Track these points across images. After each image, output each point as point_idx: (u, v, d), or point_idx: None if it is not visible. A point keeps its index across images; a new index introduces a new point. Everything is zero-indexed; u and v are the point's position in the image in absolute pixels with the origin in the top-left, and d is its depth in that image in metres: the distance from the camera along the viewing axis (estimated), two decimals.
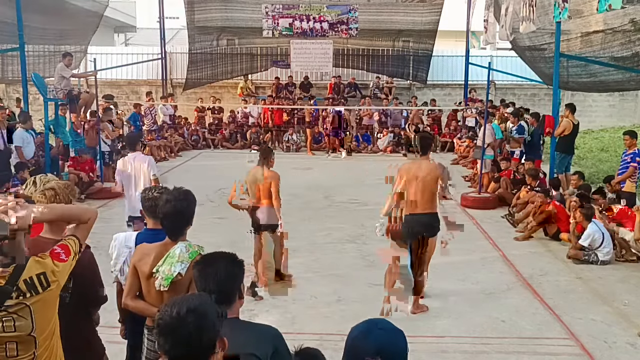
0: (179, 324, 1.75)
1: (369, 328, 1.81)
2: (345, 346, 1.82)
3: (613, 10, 8.86)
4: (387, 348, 1.76)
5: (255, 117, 18.45)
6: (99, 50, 19.44)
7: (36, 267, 2.52)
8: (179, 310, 1.77)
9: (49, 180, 3.05)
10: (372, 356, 1.73)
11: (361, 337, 1.80)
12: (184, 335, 1.75)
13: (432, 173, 5.69)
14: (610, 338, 5.36)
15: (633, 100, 21.07)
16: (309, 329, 5.38)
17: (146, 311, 3.18)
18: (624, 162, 9.25)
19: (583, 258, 7.46)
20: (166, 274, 3.01)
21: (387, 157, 16.52)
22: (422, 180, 5.67)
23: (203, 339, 1.78)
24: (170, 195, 3.17)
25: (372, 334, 1.79)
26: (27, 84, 11.64)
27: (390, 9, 19.38)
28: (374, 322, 1.84)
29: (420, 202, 5.67)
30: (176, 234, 3.16)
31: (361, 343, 1.78)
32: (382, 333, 1.80)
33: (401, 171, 5.87)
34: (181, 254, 3.04)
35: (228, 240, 7.74)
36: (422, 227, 5.67)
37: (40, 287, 2.48)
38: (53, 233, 3.01)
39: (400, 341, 1.81)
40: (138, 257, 3.21)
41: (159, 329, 1.78)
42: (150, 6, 30.23)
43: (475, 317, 5.75)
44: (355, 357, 1.77)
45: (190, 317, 1.76)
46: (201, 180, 12.25)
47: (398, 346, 1.80)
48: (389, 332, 1.81)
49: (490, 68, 11.90)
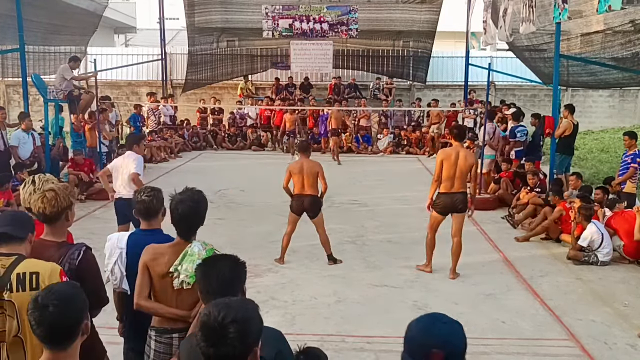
0: (223, 331, 1.81)
1: (432, 321, 1.86)
2: (407, 340, 1.85)
3: (613, 11, 8.86)
4: (452, 340, 1.82)
5: (253, 118, 18.46)
6: (99, 51, 19.48)
7: (34, 266, 2.52)
8: (224, 317, 1.82)
9: (48, 180, 3.03)
10: (439, 348, 1.77)
11: (425, 330, 1.84)
12: (226, 342, 1.81)
13: (468, 159, 6.72)
14: (611, 339, 5.35)
15: (633, 101, 21.07)
16: (309, 329, 5.38)
17: (162, 311, 3.18)
18: (624, 163, 9.24)
19: (583, 259, 7.46)
20: (190, 272, 3.03)
21: (387, 158, 16.55)
22: (459, 165, 6.68)
23: (244, 344, 1.84)
24: (185, 196, 3.22)
25: (435, 326, 1.84)
26: (27, 84, 11.65)
27: (390, 10, 19.39)
28: (436, 316, 1.89)
29: (457, 182, 6.73)
30: (190, 234, 3.21)
31: (426, 336, 1.82)
32: (445, 326, 1.85)
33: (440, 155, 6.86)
34: (199, 252, 3.09)
35: (228, 240, 7.76)
36: (460, 203, 6.75)
37: (29, 286, 2.48)
38: (55, 235, 3.01)
39: (462, 334, 1.86)
40: (150, 257, 3.20)
41: (201, 332, 1.84)
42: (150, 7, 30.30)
43: (475, 318, 5.75)
44: (419, 349, 1.80)
45: (234, 327, 1.81)
46: (201, 181, 12.24)
47: (461, 339, 1.85)
48: (452, 325, 1.86)
49: (490, 69, 11.91)
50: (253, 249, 7.73)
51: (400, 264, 7.31)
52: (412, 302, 6.13)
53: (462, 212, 6.78)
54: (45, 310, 2.06)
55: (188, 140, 17.55)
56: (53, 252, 2.92)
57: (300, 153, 7.21)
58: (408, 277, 6.89)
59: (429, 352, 1.77)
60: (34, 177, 3.10)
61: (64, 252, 2.93)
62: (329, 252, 7.29)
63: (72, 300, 2.13)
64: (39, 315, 2.06)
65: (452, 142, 7.04)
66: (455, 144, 6.84)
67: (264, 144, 18.04)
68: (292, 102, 18.45)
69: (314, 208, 7.10)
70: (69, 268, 2.89)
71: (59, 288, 2.20)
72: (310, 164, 7.07)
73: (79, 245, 3.04)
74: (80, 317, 2.14)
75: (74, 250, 2.96)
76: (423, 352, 1.78)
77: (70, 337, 2.11)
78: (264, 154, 17.32)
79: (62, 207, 2.95)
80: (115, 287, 3.72)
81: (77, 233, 4.25)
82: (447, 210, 6.77)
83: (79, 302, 2.17)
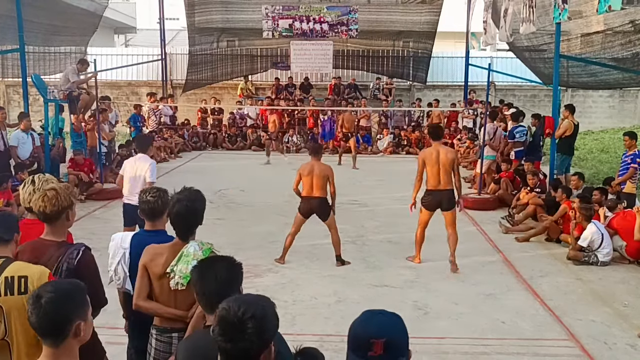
0: (241, 326, 1.82)
1: (369, 315, 1.87)
2: (349, 337, 1.86)
3: (613, 12, 8.86)
4: (390, 330, 1.82)
5: (254, 118, 18.47)
6: (99, 51, 19.45)
7: (22, 269, 2.52)
8: (244, 313, 1.83)
9: (48, 180, 3.03)
10: (377, 338, 1.77)
11: (363, 324, 1.84)
12: (244, 337, 1.82)
13: (449, 155, 7.00)
14: (610, 339, 5.35)
15: (633, 101, 21.07)
16: (309, 329, 5.38)
17: (160, 311, 3.18)
18: (624, 163, 9.24)
19: (583, 259, 7.46)
20: (184, 273, 3.02)
21: (386, 158, 16.55)
22: (442, 162, 6.92)
23: (262, 340, 1.85)
24: (182, 195, 3.20)
25: (373, 319, 1.85)
26: (27, 84, 11.65)
27: (390, 10, 19.39)
28: (373, 311, 1.90)
29: (443, 179, 6.97)
30: (187, 234, 3.19)
31: (364, 329, 1.82)
32: (383, 317, 1.86)
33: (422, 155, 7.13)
34: (195, 252, 3.07)
35: (228, 241, 7.76)
36: (447, 201, 6.99)
37: (17, 290, 2.47)
38: (55, 235, 3.00)
39: (401, 324, 1.87)
40: (149, 257, 3.20)
41: (219, 326, 1.84)
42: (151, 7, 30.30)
43: (475, 319, 5.75)
44: (359, 342, 1.81)
45: (252, 322, 1.82)
46: (201, 181, 12.24)
47: (400, 329, 1.85)
48: (390, 317, 1.87)
49: (490, 69, 11.90)
50: (253, 249, 7.73)
51: (400, 264, 7.31)
52: (412, 302, 6.12)
53: (450, 210, 7.02)
54: (38, 301, 2.08)
55: (188, 140, 17.56)
56: (53, 251, 2.92)
57: (312, 155, 7.12)
58: (408, 277, 6.89)
59: (368, 343, 1.77)
60: (34, 177, 3.10)
61: (63, 252, 2.93)
62: (338, 253, 7.23)
63: (66, 295, 2.13)
64: (32, 303, 2.09)
65: (430, 142, 7.39)
66: (434, 143, 7.12)
67: (264, 144, 18.02)
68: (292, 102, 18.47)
69: (324, 210, 7.07)
70: (68, 268, 2.89)
71: (59, 283, 2.22)
72: (322, 166, 7.01)
73: (79, 245, 3.04)
74: (71, 314, 2.11)
75: (73, 250, 2.96)
76: (363, 344, 1.78)
77: (60, 332, 2.10)
78: (264, 154, 17.30)
79: (62, 207, 2.95)
80: (119, 287, 3.72)
81: (77, 233, 4.25)
82: (435, 207, 7.04)
83: (75, 299, 2.15)
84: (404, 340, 1.85)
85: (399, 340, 1.83)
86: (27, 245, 2.99)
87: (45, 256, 2.90)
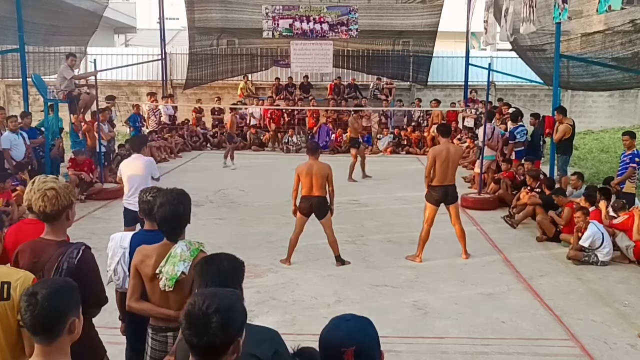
0: (205, 320, 1.82)
1: (337, 322, 1.88)
2: (320, 349, 1.87)
3: (613, 11, 8.86)
4: (359, 337, 1.83)
5: (257, 118, 18.47)
6: (99, 51, 19.47)
7: (4, 275, 2.51)
8: (208, 307, 1.83)
9: (47, 181, 3.04)
10: (346, 346, 1.77)
11: (332, 332, 1.85)
12: (209, 331, 1.82)
13: (457, 152, 7.42)
14: (611, 339, 5.35)
15: (633, 101, 21.07)
16: (308, 329, 5.37)
17: (152, 312, 3.18)
18: (623, 163, 9.23)
19: (583, 259, 7.45)
20: (170, 274, 3.02)
21: (387, 158, 16.55)
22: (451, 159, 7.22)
23: (227, 334, 1.85)
24: (164, 199, 3.14)
25: (341, 326, 1.86)
26: (27, 84, 11.64)
27: (390, 11, 19.39)
28: (340, 317, 1.91)
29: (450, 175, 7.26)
30: (175, 235, 3.17)
31: (333, 337, 1.83)
32: (349, 323, 1.87)
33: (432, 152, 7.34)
34: (182, 252, 3.06)
35: (228, 240, 7.76)
36: (451, 194, 7.29)
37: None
38: (55, 234, 3.00)
39: (370, 328, 1.88)
40: (139, 259, 3.20)
41: (186, 320, 1.85)
42: (150, 7, 30.34)
43: (475, 318, 5.75)
44: (330, 351, 1.82)
45: (216, 316, 1.82)
46: (201, 181, 12.26)
47: (369, 334, 1.86)
48: (357, 321, 1.88)
49: (490, 69, 11.89)
50: (253, 249, 7.73)
51: (400, 264, 7.31)
52: (412, 302, 6.12)
53: (454, 203, 7.34)
54: (34, 297, 2.09)
55: (188, 140, 17.55)
56: (53, 250, 2.92)
57: (310, 155, 7.13)
58: (408, 277, 6.89)
59: (339, 352, 1.78)
60: (35, 179, 3.10)
61: (64, 251, 2.92)
62: (337, 254, 7.24)
63: (61, 291, 2.15)
64: (26, 301, 2.10)
65: (440, 140, 7.54)
66: (443, 141, 7.35)
67: (264, 144, 18.04)
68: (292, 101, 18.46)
69: (322, 209, 7.08)
70: (68, 267, 2.89)
71: (52, 280, 2.24)
72: (321, 165, 7.00)
73: (79, 244, 3.03)
74: (66, 311, 2.13)
75: (73, 249, 2.95)
76: (334, 354, 1.79)
77: (55, 329, 2.11)
78: (264, 154, 17.32)
79: (62, 206, 2.95)
80: (118, 287, 3.72)
81: (77, 233, 4.26)
82: (440, 202, 7.30)
83: (69, 296, 2.17)
84: (374, 344, 1.86)
85: (369, 345, 1.84)
86: (27, 244, 2.99)
87: (45, 255, 2.90)
